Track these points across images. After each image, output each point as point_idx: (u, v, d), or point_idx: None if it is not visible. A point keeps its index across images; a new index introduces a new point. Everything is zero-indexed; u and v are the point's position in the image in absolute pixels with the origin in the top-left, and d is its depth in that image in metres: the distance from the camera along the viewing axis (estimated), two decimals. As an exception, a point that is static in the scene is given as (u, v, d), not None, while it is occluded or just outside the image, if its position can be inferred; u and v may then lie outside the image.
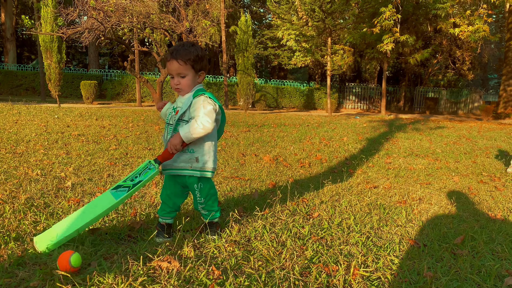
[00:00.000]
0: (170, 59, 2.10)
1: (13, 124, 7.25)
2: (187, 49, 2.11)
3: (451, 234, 2.50)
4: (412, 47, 18.19)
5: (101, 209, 2.03)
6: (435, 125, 12.36)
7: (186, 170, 2.15)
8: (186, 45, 2.14)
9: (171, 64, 2.10)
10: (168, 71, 2.14)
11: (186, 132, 2.02)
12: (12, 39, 24.90)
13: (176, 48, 2.13)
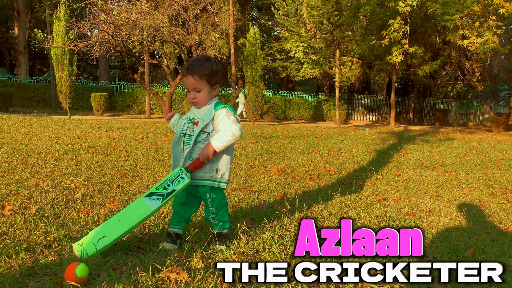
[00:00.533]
0: (186, 74, 2.18)
1: (25, 135, 7.35)
2: (202, 64, 2.17)
3: (461, 247, 2.48)
4: (421, 59, 18.16)
5: (137, 219, 2.09)
6: (445, 137, 12.28)
7: (204, 180, 2.24)
8: (201, 60, 2.19)
9: (187, 79, 2.18)
10: (185, 85, 2.22)
11: (217, 142, 2.13)
12: (25, 52, 25.34)
13: (191, 63, 2.19)
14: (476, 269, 1.67)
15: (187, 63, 2.20)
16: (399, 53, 15.09)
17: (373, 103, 26.92)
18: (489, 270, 1.66)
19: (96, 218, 2.67)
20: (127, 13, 12.37)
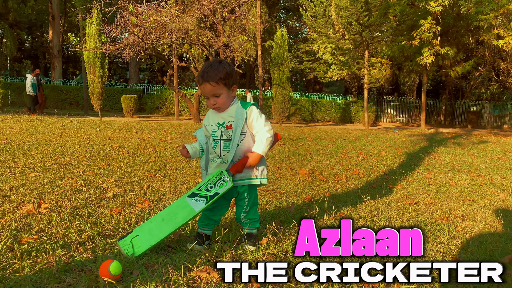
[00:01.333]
0: (202, 82, 2.17)
1: (58, 136, 7.58)
2: (216, 69, 2.16)
3: (498, 252, 2.40)
4: (453, 60, 17.70)
5: (183, 220, 2.15)
6: (478, 140, 11.91)
7: (246, 180, 2.29)
8: (214, 65, 2.18)
9: (204, 87, 2.18)
10: (203, 93, 2.22)
11: (261, 147, 2.22)
12: (58, 55, 26.18)
13: (205, 70, 2.18)
14: (476, 269, 1.64)
15: (200, 71, 2.20)
16: (430, 54, 14.75)
17: (403, 105, 26.41)
18: (489, 270, 1.63)
19: (128, 217, 2.73)
20: (157, 16, 12.60)
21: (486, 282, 1.63)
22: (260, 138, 2.23)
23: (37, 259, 1.94)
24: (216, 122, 2.27)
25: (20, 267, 1.82)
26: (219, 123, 2.26)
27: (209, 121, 2.31)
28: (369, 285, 1.85)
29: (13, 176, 3.90)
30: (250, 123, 2.24)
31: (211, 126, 2.29)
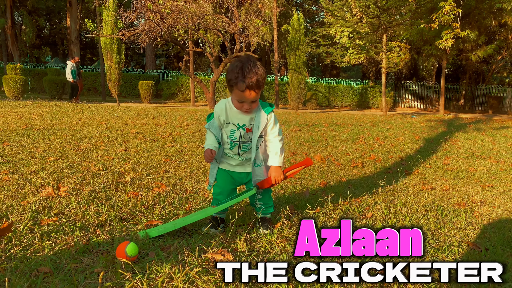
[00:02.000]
0: (249, 90, 2.03)
1: (77, 122, 7.70)
2: (260, 75, 2.03)
3: (516, 239, 2.36)
4: (474, 43, 17.24)
5: (200, 214, 2.25)
6: (499, 125, 11.65)
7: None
8: (255, 70, 2.02)
9: (250, 93, 2.04)
10: (242, 98, 2.08)
11: (279, 159, 2.24)
12: (76, 42, 26.41)
13: (250, 76, 2.01)
14: (476, 269, 1.62)
15: (240, 75, 2.01)
16: (450, 37, 14.39)
17: (422, 90, 25.97)
18: (489, 270, 1.61)
19: (144, 200, 2.77)
20: (172, 1, 12.56)
21: (486, 282, 1.62)
22: (274, 150, 2.24)
23: (57, 240, 1.99)
24: (236, 123, 2.20)
25: (40, 247, 1.87)
26: (239, 124, 2.21)
27: (227, 118, 2.21)
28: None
29: (33, 160, 3.99)
30: (267, 128, 2.24)
31: (230, 125, 2.22)
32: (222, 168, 2.33)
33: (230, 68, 2.08)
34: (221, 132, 2.28)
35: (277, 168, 2.25)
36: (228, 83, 2.08)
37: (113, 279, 1.62)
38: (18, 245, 1.89)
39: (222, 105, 2.22)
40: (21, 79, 14.78)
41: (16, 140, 5.17)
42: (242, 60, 2.06)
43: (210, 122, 2.28)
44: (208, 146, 2.26)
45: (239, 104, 2.12)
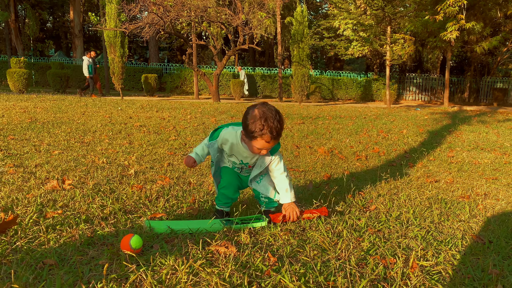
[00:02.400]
0: (273, 140, 2.04)
1: (81, 115, 7.72)
2: (283, 123, 2.07)
3: (520, 231, 2.36)
4: (479, 35, 17.10)
5: (203, 224, 2.18)
6: (504, 118, 11.59)
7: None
8: (277, 118, 2.03)
9: (274, 142, 2.07)
10: (264, 147, 2.08)
11: (289, 196, 2.29)
12: (79, 35, 26.42)
13: (277, 128, 2.03)
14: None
15: (266, 127, 2.00)
16: (455, 29, 14.27)
17: (426, 83, 25.83)
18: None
19: (148, 193, 2.78)
20: (176, -6, 12.52)
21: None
22: (284, 187, 2.29)
23: (62, 233, 2.01)
24: (239, 159, 2.28)
25: (45, 240, 1.89)
26: (242, 161, 2.29)
27: (231, 152, 2.26)
28: (386, 260, 1.85)
29: (38, 153, 4.01)
30: (270, 166, 2.30)
31: (233, 157, 2.29)
32: (229, 167, 2.36)
33: (251, 119, 2.03)
34: (218, 154, 2.36)
35: (290, 204, 2.28)
36: (251, 134, 2.02)
37: (118, 271, 1.63)
38: (24, 238, 1.90)
39: (230, 140, 2.22)
40: (25, 72, 14.81)
41: (20, 133, 5.19)
42: (264, 110, 2.03)
43: (211, 142, 2.28)
44: (194, 156, 2.31)
45: (257, 150, 2.12)
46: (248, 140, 2.10)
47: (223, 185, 2.34)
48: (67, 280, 1.53)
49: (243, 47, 14.40)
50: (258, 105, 2.08)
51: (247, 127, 2.04)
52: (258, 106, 2.07)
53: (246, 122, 2.05)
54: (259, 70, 24.73)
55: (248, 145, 2.15)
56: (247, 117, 2.06)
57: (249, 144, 2.12)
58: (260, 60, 35.90)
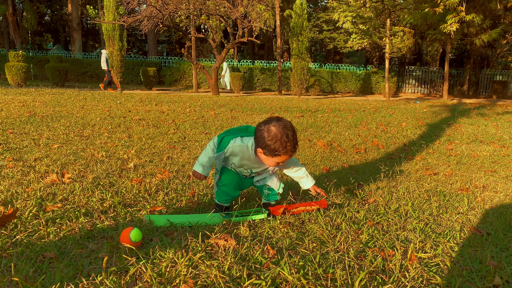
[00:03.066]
0: (293, 154, 2.12)
1: (80, 109, 7.71)
2: (296, 134, 2.11)
3: (518, 223, 2.37)
4: (478, 27, 17.05)
5: (203, 217, 2.19)
6: (503, 110, 11.59)
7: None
8: (294, 132, 2.07)
9: (288, 158, 2.14)
10: (284, 159, 2.13)
11: (311, 179, 2.49)
12: (78, 28, 26.30)
13: (296, 140, 2.07)
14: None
15: (289, 145, 2.03)
16: (455, 22, 14.23)
17: (425, 75, 25.79)
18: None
19: (148, 186, 2.79)
20: (174, -13, 12.46)
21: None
22: (303, 174, 2.45)
23: (61, 226, 2.01)
24: (249, 169, 2.31)
25: (45, 233, 1.89)
26: (252, 171, 2.33)
27: (241, 163, 2.25)
28: (384, 253, 1.86)
29: (37, 147, 4.01)
30: (289, 170, 2.45)
31: (241, 168, 2.31)
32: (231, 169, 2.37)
33: (272, 139, 2.02)
34: (224, 162, 2.38)
35: (314, 185, 2.48)
36: (274, 152, 2.03)
37: (118, 264, 1.64)
38: (24, 231, 1.91)
39: (240, 154, 2.20)
40: (24, 66, 14.75)
41: (19, 127, 5.19)
42: (282, 127, 2.03)
43: (219, 154, 2.24)
44: (202, 172, 2.26)
45: (275, 163, 2.17)
46: (268, 157, 2.10)
47: (223, 183, 2.32)
48: (67, 273, 1.54)
49: (242, 40, 14.35)
50: (273, 122, 2.05)
51: (269, 146, 2.03)
52: (274, 124, 2.04)
53: (267, 142, 2.02)
54: (258, 63, 24.66)
55: (266, 161, 2.14)
56: (266, 136, 2.02)
57: (269, 160, 2.12)
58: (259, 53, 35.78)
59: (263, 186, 2.42)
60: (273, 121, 2.05)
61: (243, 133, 2.26)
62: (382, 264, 1.76)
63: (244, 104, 10.99)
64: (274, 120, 2.06)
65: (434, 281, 1.63)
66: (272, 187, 2.40)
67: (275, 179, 2.42)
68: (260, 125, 2.08)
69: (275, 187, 2.40)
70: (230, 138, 2.22)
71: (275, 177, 2.43)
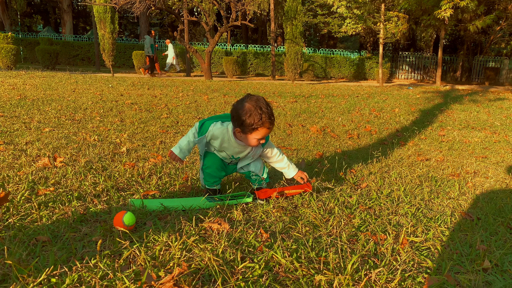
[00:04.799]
0: (272, 125, 2.10)
1: (71, 92, 7.62)
2: (271, 107, 2.11)
3: (508, 208, 2.40)
4: (473, 13, 17.01)
5: (190, 201, 2.20)
6: (495, 97, 11.66)
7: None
8: (267, 104, 2.08)
9: (271, 128, 2.13)
10: (263, 135, 2.10)
11: (293, 166, 2.46)
12: (68, 10, 25.83)
13: (270, 111, 2.07)
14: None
15: (265, 116, 2.03)
16: (449, 7, 14.19)
17: (419, 61, 25.79)
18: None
19: (141, 171, 2.78)
20: (167, -32, 12.25)
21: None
22: (285, 164, 2.42)
23: (54, 210, 2.00)
24: (230, 154, 2.27)
25: (38, 217, 1.89)
26: (233, 156, 2.30)
27: (221, 148, 2.24)
28: (376, 237, 1.88)
29: (28, 131, 3.97)
30: (265, 154, 2.40)
31: (223, 153, 2.28)
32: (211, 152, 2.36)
33: (246, 113, 2.02)
34: (206, 148, 2.35)
35: (298, 172, 2.45)
36: (250, 127, 2.02)
37: (111, 247, 1.65)
38: (16, 215, 1.90)
39: (220, 137, 2.19)
40: (13, 48, 14.50)
41: (10, 110, 5.13)
42: (254, 101, 2.05)
43: (200, 138, 2.22)
44: (178, 154, 2.24)
45: (256, 142, 2.12)
46: (247, 135, 2.09)
47: (206, 165, 2.31)
48: (61, 256, 1.54)
49: (236, 24, 14.20)
50: (245, 99, 2.08)
51: (244, 122, 2.03)
52: (246, 100, 2.06)
53: (242, 118, 2.03)
54: (252, 48, 24.48)
55: (245, 140, 2.14)
56: (241, 112, 2.03)
57: (248, 138, 2.11)
58: (253, 37, 35.49)
59: (249, 172, 2.41)
60: (245, 98, 2.09)
61: (224, 119, 2.26)
62: (374, 248, 1.78)
63: (237, 89, 10.94)
64: (246, 97, 2.09)
65: (425, 264, 1.65)
66: (257, 173, 2.39)
67: (259, 165, 2.40)
68: (234, 105, 2.12)
69: (259, 172, 2.40)
70: (211, 122, 2.23)
71: (259, 163, 2.41)
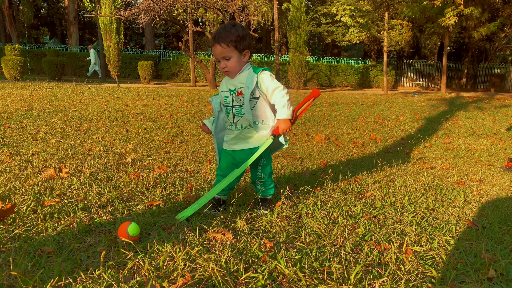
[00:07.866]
0: (214, 43, 2.17)
1: (77, 103, 7.68)
2: (228, 31, 2.13)
3: (514, 217, 2.38)
4: (477, 20, 16.99)
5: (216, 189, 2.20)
6: (500, 104, 11.60)
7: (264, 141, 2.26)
8: (227, 27, 2.16)
9: (215, 48, 2.16)
10: (214, 55, 2.20)
11: (285, 112, 2.14)
12: (74, 22, 26.12)
13: (217, 32, 2.16)
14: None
15: (213, 33, 2.19)
16: (453, 15, 14.18)
17: (423, 69, 25.74)
18: None
19: (146, 181, 2.79)
20: (171, -20, 12.39)
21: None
22: (281, 103, 2.15)
23: (59, 221, 2.02)
24: (227, 89, 2.25)
25: (43, 228, 1.90)
26: (230, 89, 2.24)
27: (222, 87, 2.31)
28: (380, 246, 1.88)
29: (34, 142, 4.01)
30: (265, 88, 2.17)
31: (224, 92, 2.28)
32: (225, 149, 2.33)
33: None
34: (221, 107, 2.35)
35: (286, 120, 2.17)
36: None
37: (116, 258, 1.65)
38: (22, 226, 1.92)
39: (223, 79, 2.34)
40: (20, 60, 14.66)
41: (16, 122, 5.18)
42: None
43: (214, 95, 2.41)
44: (204, 121, 2.49)
45: (219, 65, 2.22)
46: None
47: (218, 173, 2.32)
48: (65, 267, 1.55)
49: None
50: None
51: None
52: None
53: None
54: (256, 57, 24.59)
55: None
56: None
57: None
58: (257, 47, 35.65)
59: (255, 178, 2.38)
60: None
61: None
62: (378, 257, 1.77)
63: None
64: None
65: (429, 274, 1.64)
66: (258, 121, 2.25)
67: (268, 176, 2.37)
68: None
69: (258, 120, 2.26)
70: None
71: (267, 176, 2.38)
